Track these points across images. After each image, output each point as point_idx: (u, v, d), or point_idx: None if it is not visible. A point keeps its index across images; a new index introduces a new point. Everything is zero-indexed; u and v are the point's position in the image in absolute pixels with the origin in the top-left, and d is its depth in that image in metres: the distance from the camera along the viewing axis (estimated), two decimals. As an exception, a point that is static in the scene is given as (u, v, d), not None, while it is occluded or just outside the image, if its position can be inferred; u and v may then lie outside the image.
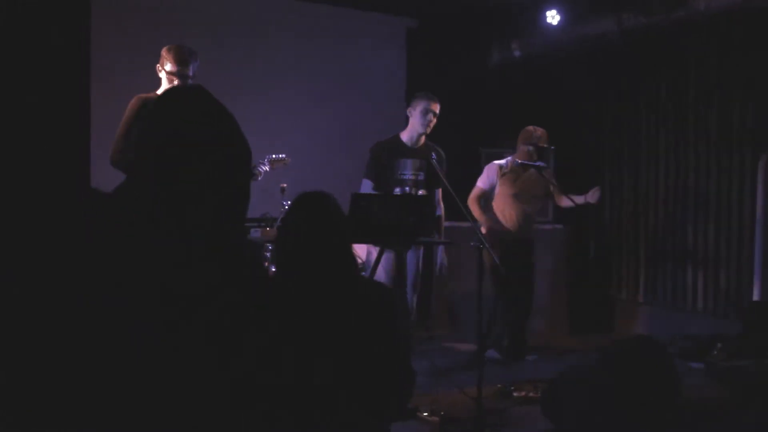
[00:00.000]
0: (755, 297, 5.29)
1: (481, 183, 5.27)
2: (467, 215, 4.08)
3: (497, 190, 5.25)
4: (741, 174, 5.60)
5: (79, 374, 1.28)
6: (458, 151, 6.21)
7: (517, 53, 6.54)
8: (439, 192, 4.77)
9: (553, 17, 6.08)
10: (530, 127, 5.19)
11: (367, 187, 4.55)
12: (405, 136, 4.67)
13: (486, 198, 5.29)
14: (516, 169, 5.24)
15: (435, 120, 4.64)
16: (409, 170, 4.56)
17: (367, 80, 6.30)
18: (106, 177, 3.65)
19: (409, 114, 4.68)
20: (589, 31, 5.97)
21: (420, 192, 4.55)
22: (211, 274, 1.38)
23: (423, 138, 4.67)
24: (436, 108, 4.62)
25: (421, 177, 4.59)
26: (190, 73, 3.82)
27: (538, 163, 5.13)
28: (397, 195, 4.48)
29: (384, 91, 5.55)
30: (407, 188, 4.50)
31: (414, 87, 6.61)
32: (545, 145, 5.14)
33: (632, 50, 6.13)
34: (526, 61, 6.57)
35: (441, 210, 4.82)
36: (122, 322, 1.29)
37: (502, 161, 5.30)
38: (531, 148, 5.11)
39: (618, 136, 6.56)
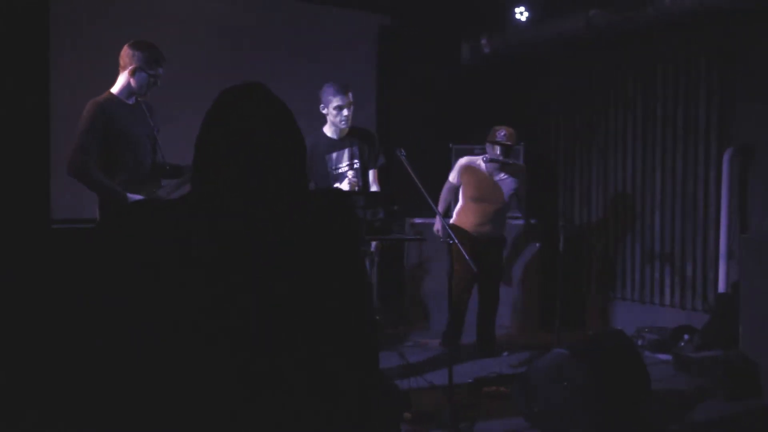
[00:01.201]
0: (721, 289, 5.38)
1: (451, 177, 5.35)
2: (435, 210, 4.08)
3: (461, 190, 5.27)
4: (706, 167, 5.69)
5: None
6: (429, 146, 6.24)
7: (486, 50, 6.57)
8: (375, 173, 4.62)
9: (521, 14, 6.12)
10: (495, 127, 5.16)
11: None
12: (329, 131, 4.51)
13: (454, 192, 5.36)
14: (474, 170, 5.22)
15: (352, 109, 4.41)
16: (343, 162, 4.51)
17: (338, 77, 6.28)
18: (63, 183, 3.59)
19: (322, 110, 4.44)
20: (558, 28, 6.02)
21: (355, 165, 4.48)
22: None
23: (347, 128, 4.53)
24: (349, 98, 4.38)
25: (357, 165, 4.51)
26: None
27: (502, 159, 5.11)
28: (366, 192, 4.45)
29: (355, 88, 5.51)
30: (347, 181, 4.41)
31: (385, 84, 6.64)
32: (510, 143, 5.09)
33: (601, 46, 6.19)
34: (496, 57, 6.61)
35: (377, 189, 4.65)
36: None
37: (473, 158, 5.29)
38: (498, 147, 5.09)
39: (587, 131, 6.63)
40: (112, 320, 1.37)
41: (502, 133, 5.09)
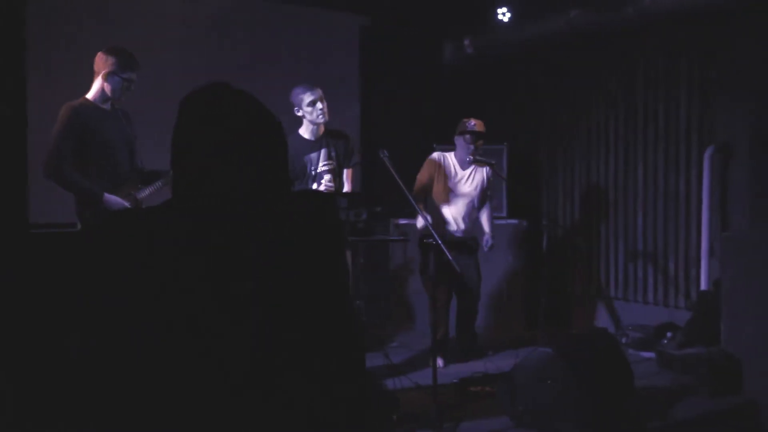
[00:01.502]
0: (703, 286, 5.42)
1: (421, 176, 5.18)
2: (417, 210, 4.07)
3: (434, 188, 5.13)
4: (687, 166, 5.74)
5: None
6: (412, 147, 6.24)
7: (469, 50, 6.58)
8: (348, 172, 4.66)
9: (504, 14, 6.15)
10: (464, 119, 5.10)
11: None
12: (305, 132, 4.55)
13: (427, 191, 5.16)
14: (442, 166, 5.13)
15: (325, 102, 4.48)
16: (321, 163, 4.52)
17: (320, 79, 6.25)
18: (39, 186, 3.57)
19: (297, 113, 4.50)
20: (540, 28, 6.05)
21: (331, 165, 4.49)
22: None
23: (322, 127, 4.56)
24: (320, 93, 4.47)
25: (333, 165, 4.53)
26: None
27: (483, 159, 5.06)
28: (349, 193, 4.45)
29: (338, 90, 5.51)
30: (323, 182, 4.43)
31: (368, 85, 6.63)
32: (480, 130, 5.03)
33: (582, 46, 6.22)
34: (479, 57, 6.62)
35: (349, 188, 4.69)
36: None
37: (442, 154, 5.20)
38: (469, 137, 5.03)
39: (570, 131, 6.66)
40: (107, 326, 1.36)
41: (472, 123, 5.05)
